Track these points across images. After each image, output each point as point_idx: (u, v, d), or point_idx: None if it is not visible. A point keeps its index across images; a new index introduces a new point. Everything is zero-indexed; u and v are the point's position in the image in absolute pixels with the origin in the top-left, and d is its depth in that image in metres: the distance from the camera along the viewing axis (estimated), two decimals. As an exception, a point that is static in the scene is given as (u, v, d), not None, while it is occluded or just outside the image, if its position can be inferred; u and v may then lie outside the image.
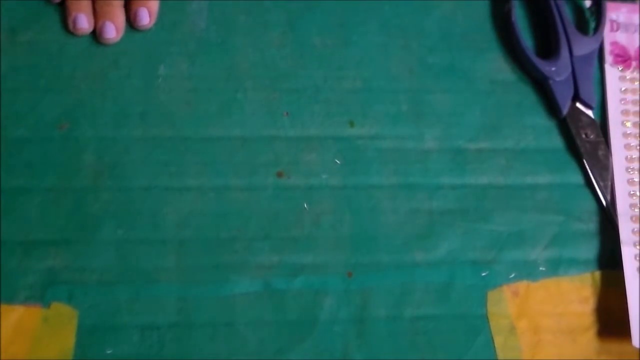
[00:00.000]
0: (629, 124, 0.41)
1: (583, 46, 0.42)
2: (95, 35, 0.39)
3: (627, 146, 0.41)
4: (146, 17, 0.39)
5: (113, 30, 0.39)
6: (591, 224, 0.39)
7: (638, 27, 0.45)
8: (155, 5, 0.40)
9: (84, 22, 0.39)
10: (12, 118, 0.37)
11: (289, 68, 0.41)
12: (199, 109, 0.39)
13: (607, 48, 0.44)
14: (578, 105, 0.41)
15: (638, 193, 0.39)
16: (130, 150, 0.37)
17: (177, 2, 0.41)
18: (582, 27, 0.45)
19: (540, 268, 0.37)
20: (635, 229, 0.38)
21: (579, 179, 0.40)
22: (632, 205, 0.39)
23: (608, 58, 0.44)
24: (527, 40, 0.44)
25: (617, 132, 0.41)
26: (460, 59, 0.42)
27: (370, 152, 0.39)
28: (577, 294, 0.37)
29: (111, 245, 0.35)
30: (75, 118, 0.37)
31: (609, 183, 0.39)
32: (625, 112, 0.42)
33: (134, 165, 0.37)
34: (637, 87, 0.43)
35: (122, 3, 0.40)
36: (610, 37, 0.44)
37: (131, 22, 0.40)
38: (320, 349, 0.34)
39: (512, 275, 0.36)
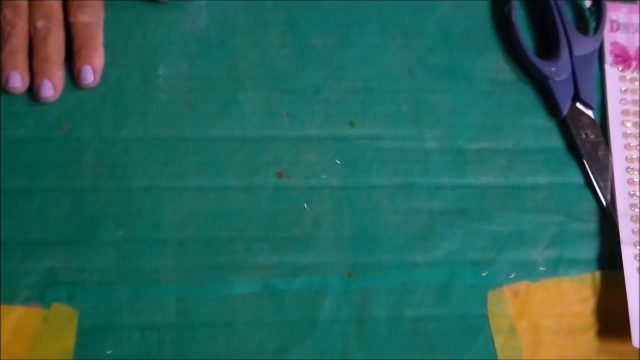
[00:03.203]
0: (629, 124, 0.41)
1: (583, 46, 0.42)
2: (32, 93, 0.37)
3: (627, 146, 0.41)
4: (90, 76, 0.37)
5: (51, 89, 0.37)
6: (591, 224, 0.39)
7: (638, 27, 0.45)
8: (99, 63, 0.38)
9: (16, 81, 0.36)
10: (12, 118, 0.37)
11: (289, 68, 0.41)
12: (199, 109, 0.39)
13: (607, 48, 0.44)
14: (578, 105, 0.41)
15: (638, 193, 0.39)
16: (130, 150, 0.37)
17: (177, 2, 0.41)
18: (582, 27, 0.45)
19: (540, 268, 0.37)
20: (635, 229, 0.38)
21: (579, 179, 0.40)
22: (632, 205, 0.39)
23: (608, 58, 0.44)
24: (527, 40, 0.43)
25: (617, 132, 0.41)
26: (460, 59, 0.42)
27: (370, 152, 0.39)
28: (577, 294, 0.37)
29: (111, 245, 0.35)
30: (75, 118, 0.37)
31: (609, 183, 0.39)
32: (625, 112, 0.42)
33: (134, 165, 0.37)
34: (637, 87, 0.43)
35: (62, 61, 0.38)
36: (610, 37, 0.44)
37: (75, 79, 0.38)
38: (320, 349, 0.34)
39: (512, 275, 0.36)
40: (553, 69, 0.41)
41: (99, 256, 0.34)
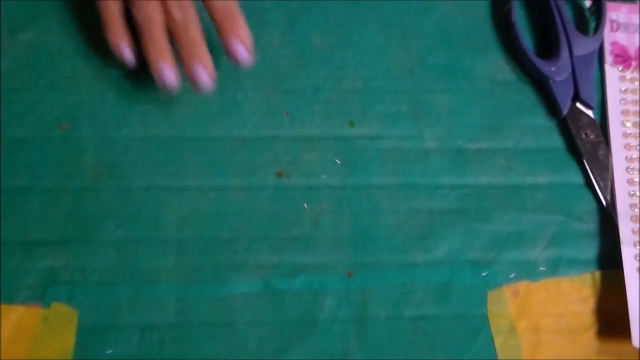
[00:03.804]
0: (629, 124, 0.41)
1: (583, 46, 0.42)
2: (187, 80, 0.36)
3: (627, 146, 0.41)
4: (243, 51, 0.36)
5: (205, 74, 0.35)
6: (591, 224, 0.39)
7: (638, 27, 0.45)
8: (249, 39, 0.36)
9: (171, 75, 0.35)
10: (12, 118, 0.37)
11: (289, 68, 0.41)
12: (199, 109, 0.39)
13: (607, 48, 0.44)
14: (578, 105, 0.41)
15: (638, 193, 0.39)
16: (130, 150, 0.37)
17: (177, 2, 0.41)
18: (582, 27, 0.45)
19: (540, 268, 0.37)
20: (635, 229, 0.38)
21: (579, 179, 0.40)
22: (632, 205, 0.39)
23: (608, 58, 0.44)
24: (527, 40, 0.44)
25: (617, 132, 0.41)
26: (460, 59, 0.42)
27: (370, 152, 0.39)
28: (577, 294, 0.37)
29: (111, 245, 0.35)
30: (75, 118, 0.37)
31: (609, 183, 0.39)
32: (625, 112, 0.42)
33: (134, 165, 0.37)
34: (637, 87, 0.43)
35: (205, 44, 0.36)
36: (610, 37, 0.44)
37: (228, 57, 0.36)
38: (320, 349, 0.34)
39: (512, 275, 0.36)
40: (553, 69, 0.41)
41: (99, 256, 0.34)
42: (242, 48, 0.35)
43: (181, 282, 0.34)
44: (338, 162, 0.38)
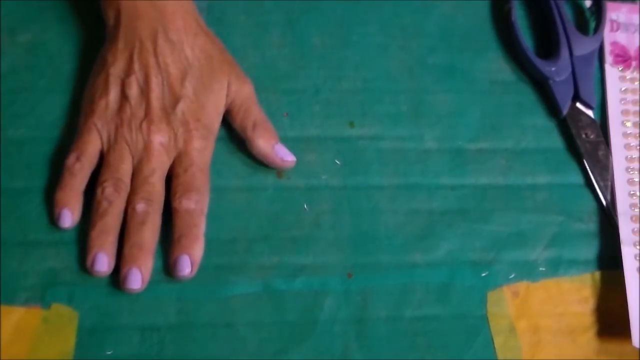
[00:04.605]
0: (629, 124, 0.41)
1: (583, 46, 0.42)
2: (119, 279, 0.33)
3: (627, 146, 0.41)
4: (187, 267, 0.33)
5: (139, 280, 0.33)
6: (591, 224, 0.39)
7: (638, 27, 0.45)
8: (199, 254, 0.34)
9: (103, 265, 0.33)
10: (12, 118, 0.37)
11: (289, 68, 0.41)
12: (199, 109, 0.39)
13: (607, 48, 0.44)
14: (578, 105, 0.41)
15: (638, 193, 0.39)
16: (130, 151, 0.37)
17: (177, 2, 0.41)
18: (582, 27, 0.45)
19: (540, 268, 0.37)
20: (635, 229, 0.38)
21: (579, 179, 0.40)
22: (632, 205, 0.39)
23: (608, 58, 0.44)
24: (527, 40, 0.43)
25: (617, 132, 0.41)
26: (460, 59, 0.42)
27: (370, 152, 0.39)
28: (577, 294, 0.37)
29: (111, 246, 0.35)
30: (75, 118, 0.37)
31: (609, 183, 0.39)
32: (625, 112, 0.42)
33: (134, 165, 0.37)
34: (637, 87, 0.43)
35: (154, 248, 0.34)
36: (610, 37, 0.44)
37: (169, 269, 0.34)
38: (320, 349, 0.34)
39: (512, 275, 0.36)
40: (553, 69, 0.41)
41: (99, 257, 0.34)
42: (187, 264, 0.33)
43: (181, 282, 0.34)
44: (338, 162, 0.38)
